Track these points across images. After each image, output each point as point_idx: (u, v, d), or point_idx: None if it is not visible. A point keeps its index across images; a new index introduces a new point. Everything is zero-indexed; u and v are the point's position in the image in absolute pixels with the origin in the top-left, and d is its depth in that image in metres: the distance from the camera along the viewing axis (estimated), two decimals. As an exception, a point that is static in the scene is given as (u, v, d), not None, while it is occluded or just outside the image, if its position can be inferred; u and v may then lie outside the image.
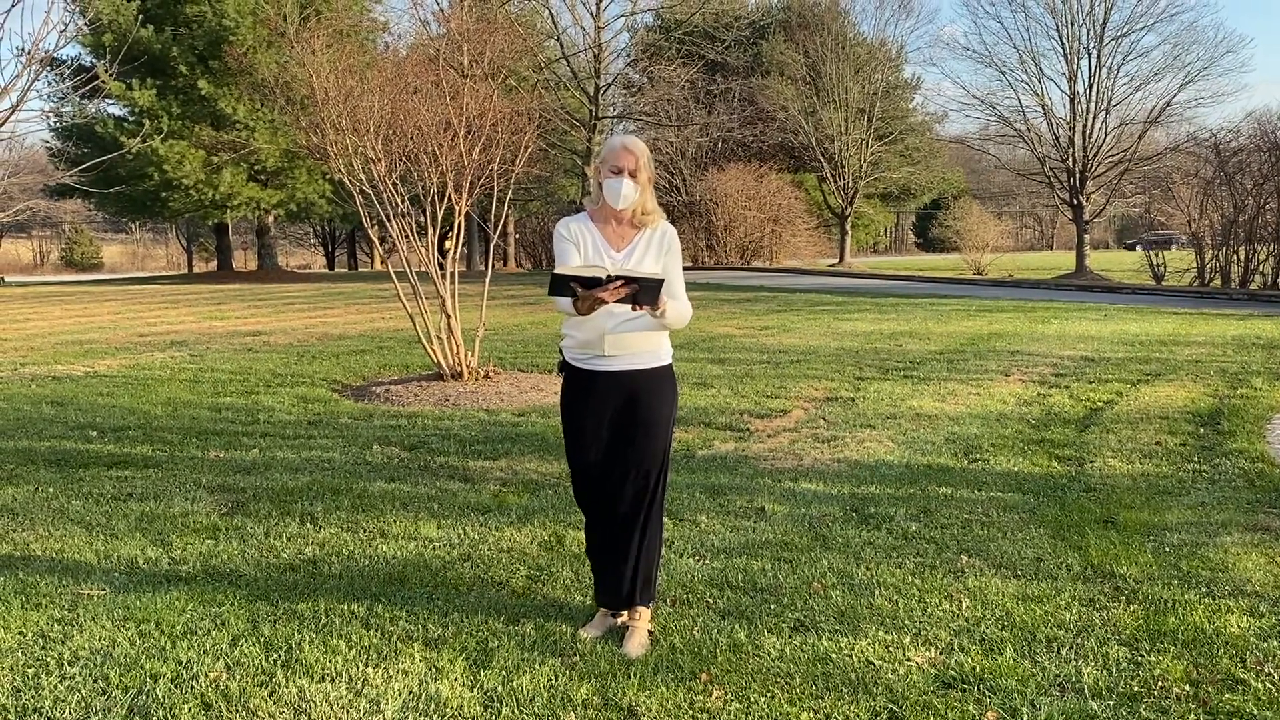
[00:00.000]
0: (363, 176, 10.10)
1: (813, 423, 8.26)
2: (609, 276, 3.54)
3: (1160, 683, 3.59)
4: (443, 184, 10.01)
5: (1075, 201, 36.29)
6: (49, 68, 32.03)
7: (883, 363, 11.51)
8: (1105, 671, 3.69)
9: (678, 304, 3.92)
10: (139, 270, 76.40)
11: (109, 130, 31.75)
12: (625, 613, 4.11)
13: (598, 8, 39.82)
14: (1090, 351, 12.24)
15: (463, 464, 6.92)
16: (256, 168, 33.07)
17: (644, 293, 3.59)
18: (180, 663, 3.80)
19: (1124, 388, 9.62)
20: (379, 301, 21.92)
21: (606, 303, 3.61)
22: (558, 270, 3.61)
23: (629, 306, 3.66)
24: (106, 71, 26.87)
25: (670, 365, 4.06)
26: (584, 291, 3.57)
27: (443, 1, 37.38)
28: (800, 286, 27.23)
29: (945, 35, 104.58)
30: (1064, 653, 3.84)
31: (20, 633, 4.11)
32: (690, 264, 47.76)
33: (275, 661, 3.81)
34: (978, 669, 3.70)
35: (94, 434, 8.11)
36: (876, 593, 4.44)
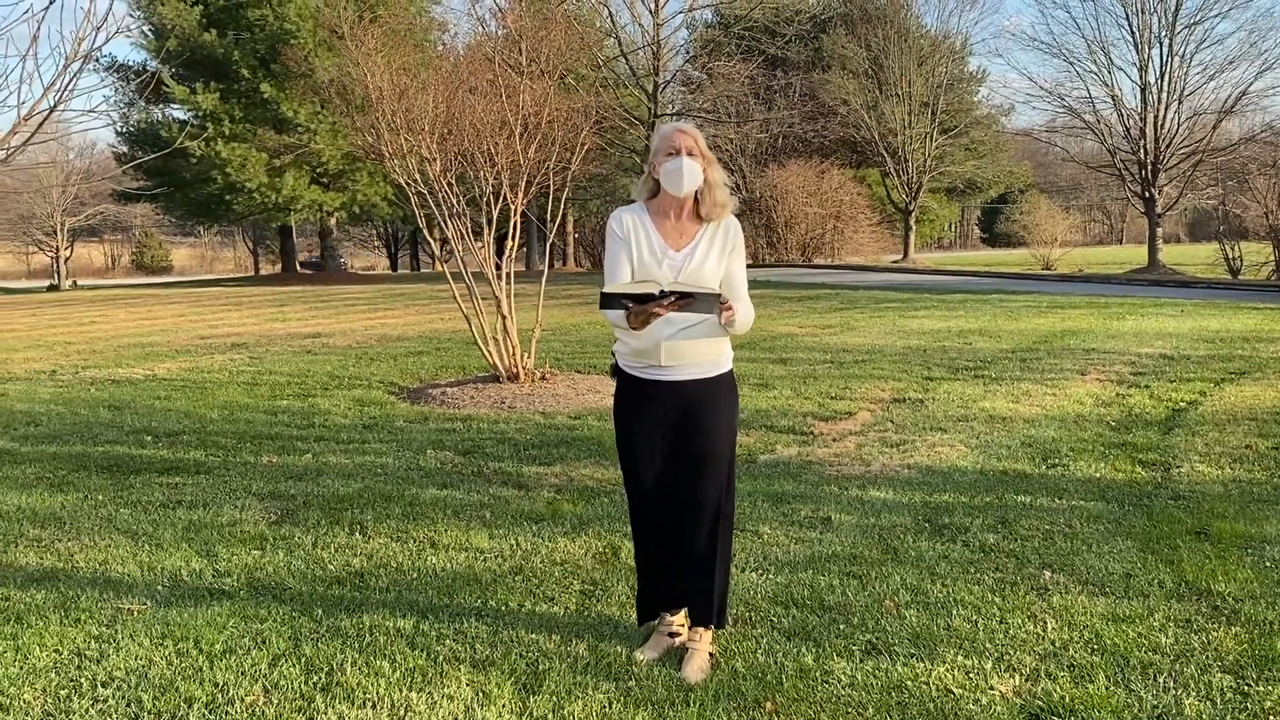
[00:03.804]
0: (418, 176, 9.95)
1: (880, 425, 7.94)
2: (662, 291, 3.33)
3: (1271, 716, 3.27)
4: (498, 183, 9.82)
5: (1147, 194, 35.31)
6: (115, 73, 32.52)
7: (952, 362, 11.13)
8: (1208, 702, 3.37)
9: (743, 306, 3.65)
10: (207, 273, 77.65)
11: (173, 134, 32.10)
12: (684, 629, 3.88)
13: (656, 4, 39.53)
14: (1169, 349, 11.75)
15: (517, 470, 6.71)
16: (318, 170, 33.26)
17: (700, 304, 3.38)
18: (217, 685, 3.63)
19: (1207, 387, 9.17)
20: (438, 302, 21.86)
21: (660, 316, 3.40)
22: (607, 288, 3.40)
23: (686, 314, 3.45)
24: (171, 75, 27.14)
25: (731, 371, 3.79)
26: (636, 307, 3.36)
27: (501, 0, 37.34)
28: (863, 284, 26.77)
29: (1011, 26, 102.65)
30: (1162, 680, 3.53)
31: (56, 650, 3.96)
32: (751, 261, 47.32)
33: (315, 685, 3.61)
34: (1068, 699, 3.40)
35: (149, 439, 8.04)
36: (954, 612, 4.14)
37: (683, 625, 3.91)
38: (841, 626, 4.03)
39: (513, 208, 9.91)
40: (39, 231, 58.24)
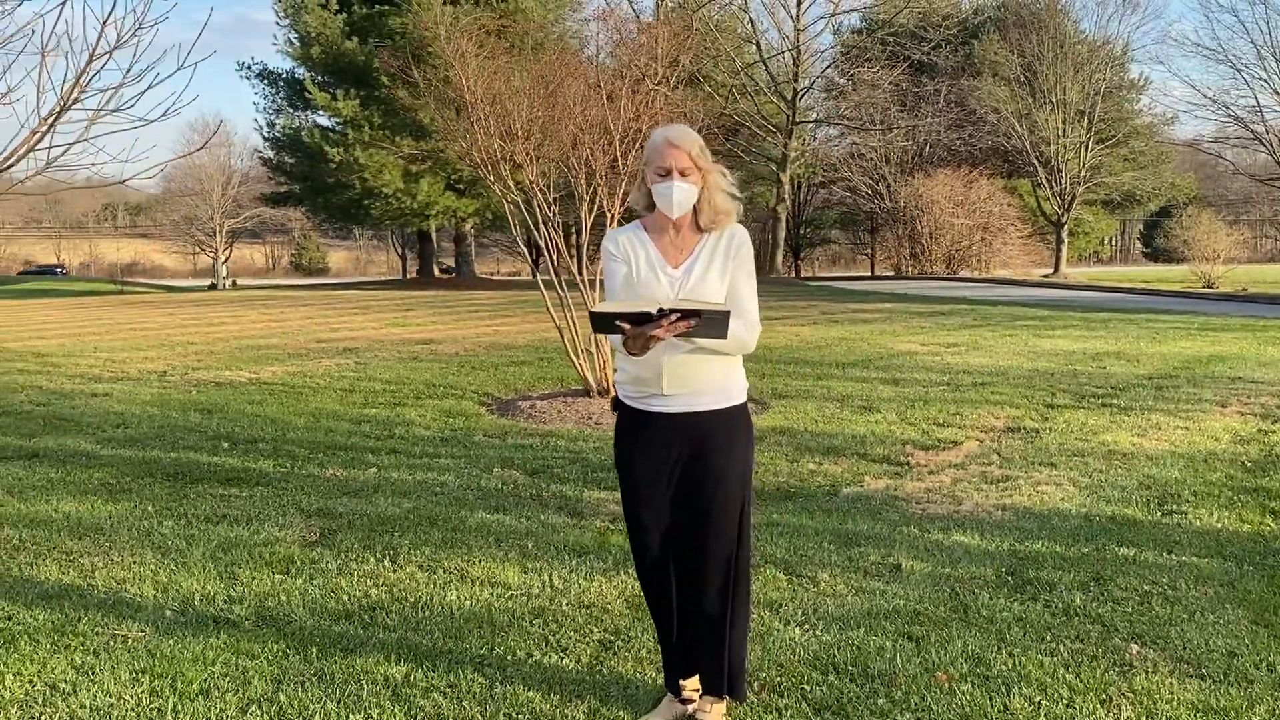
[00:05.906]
0: (512, 184, 9.70)
1: (984, 457, 7.29)
2: (660, 310, 2.90)
3: None
4: (595, 190, 9.50)
5: (1321, 208, 33.04)
6: (263, 79, 33.48)
7: (1080, 388, 10.30)
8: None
9: (740, 324, 3.19)
10: (361, 275, 79.97)
11: (315, 140, 32.88)
12: (695, 699, 3.42)
13: (798, 10, 38.86)
14: (1328, 379, 10.67)
15: (577, 494, 6.33)
16: (453, 177, 33.62)
17: (707, 325, 2.94)
18: (174, 734, 3.33)
19: (1367, 425, 8.21)
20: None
21: (662, 339, 2.98)
22: (597, 307, 2.98)
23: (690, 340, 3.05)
24: (314, 83, 27.76)
25: (744, 405, 3.33)
26: (633, 329, 2.94)
27: (640, 10, 37.24)
28: (1005, 299, 25.58)
29: (1174, 32, 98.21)
30: (1255, 798, 2.92)
31: (32, 681, 3.74)
32: (893, 273, 46.15)
33: (276, 740, 3.28)
34: (1131, 816, 2.83)
35: (225, 445, 7.94)
36: (1014, 690, 3.57)
37: (696, 691, 3.46)
38: (880, 701, 3.51)
39: (609, 215, 9.57)
40: (200, 232, 60.90)
